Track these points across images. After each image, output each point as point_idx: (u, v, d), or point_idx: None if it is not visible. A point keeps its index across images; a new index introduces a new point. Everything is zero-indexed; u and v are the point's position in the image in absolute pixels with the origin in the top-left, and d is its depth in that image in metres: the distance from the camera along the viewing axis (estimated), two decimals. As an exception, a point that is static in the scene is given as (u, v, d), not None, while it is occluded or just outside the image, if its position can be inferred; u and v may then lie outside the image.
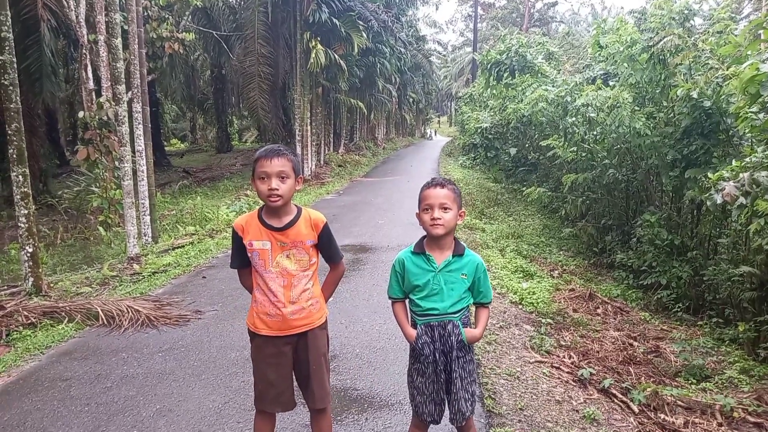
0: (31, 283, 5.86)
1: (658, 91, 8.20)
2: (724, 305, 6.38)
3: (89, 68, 10.72)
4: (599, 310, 6.27)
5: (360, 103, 23.32)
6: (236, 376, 3.84)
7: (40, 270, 6.03)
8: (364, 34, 18.21)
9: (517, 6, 52.07)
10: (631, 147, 8.41)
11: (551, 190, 12.03)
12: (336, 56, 17.17)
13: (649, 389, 3.89)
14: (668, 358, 4.95)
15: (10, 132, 5.64)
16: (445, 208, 2.35)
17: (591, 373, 4.06)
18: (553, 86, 11.30)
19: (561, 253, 9.55)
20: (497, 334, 4.75)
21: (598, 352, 4.74)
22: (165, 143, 30.25)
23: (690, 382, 4.43)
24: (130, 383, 3.77)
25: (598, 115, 8.48)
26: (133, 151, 8.82)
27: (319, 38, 16.54)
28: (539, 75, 13.67)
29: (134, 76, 8.98)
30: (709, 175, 5.24)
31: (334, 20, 16.66)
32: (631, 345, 5.13)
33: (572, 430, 3.25)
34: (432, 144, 42.11)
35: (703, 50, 7.57)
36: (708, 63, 7.30)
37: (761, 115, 4.98)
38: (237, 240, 2.47)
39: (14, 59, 5.65)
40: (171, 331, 4.81)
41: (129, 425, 3.21)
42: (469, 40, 57.61)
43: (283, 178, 2.34)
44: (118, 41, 8.23)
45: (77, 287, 6.37)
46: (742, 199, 4.43)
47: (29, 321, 4.98)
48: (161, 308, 5.29)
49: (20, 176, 5.73)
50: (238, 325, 4.84)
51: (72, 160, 20.32)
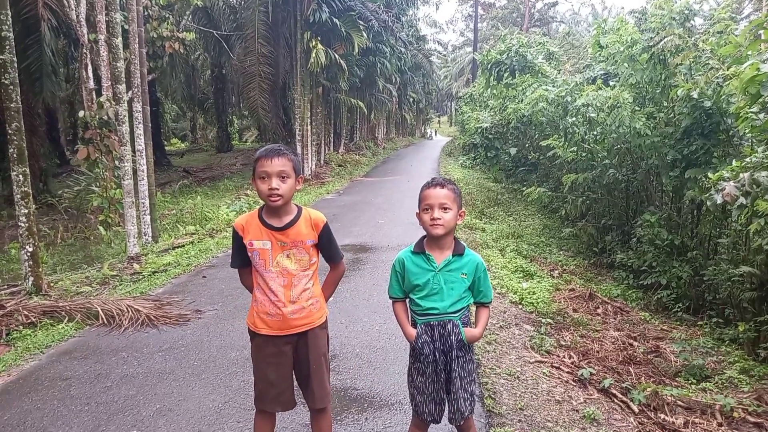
0: (31, 282, 5.87)
1: (658, 91, 8.20)
2: (724, 305, 6.38)
3: (89, 67, 10.74)
4: (599, 310, 6.27)
5: (360, 103, 23.32)
6: (236, 376, 3.84)
7: (40, 269, 6.03)
8: (365, 34, 18.21)
9: (518, 6, 52.08)
10: (632, 147, 8.41)
11: (551, 190, 12.03)
12: (336, 56, 17.18)
13: (649, 389, 3.89)
14: (668, 358, 4.95)
15: (10, 131, 5.64)
16: (445, 208, 2.35)
17: (591, 373, 4.06)
18: (553, 86, 11.29)
19: (561, 253, 9.55)
20: (497, 334, 4.76)
21: (598, 352, 4.74)
22: (165, 143, 30.27)
23: (690, 382, 4.43)
24: (130, 383, 3.77)
25: (598, 115, 8.48)
26: (134, 151, 8.82)
27: (319, 38, 16.55)
28: (539, 75, 13.67)
29: (134, 75, 8.99)
30: (710, 175, 5.25)
31: (335, 20, 16.66)
32: (631, 345, 5.13)
33: (572, 430, 3.26)
34: (432, 144, 42.10)
35: (703, 50, 7.57)
36: (708, 63, 7.30)
37: (761, 115, 4.98)
38: (237, 239, 2.47)
39: (14, 58, 5.66)
40: (171, 330, 4.81)
41: (129, 425, 3.21)
42: (470, 40, 57.62)
43: (283, 177, 2.34)
44: (119, 40, 8.24)
45: (77, 287, 6.37)
46: (742, 199, 4.43)
47: (29, 320, 4.98)
48: (161, 308, 5.29)
49: (20, 175, 5.73)
50: (238, 324, 4.85)
51: (72, 160, 20.33)
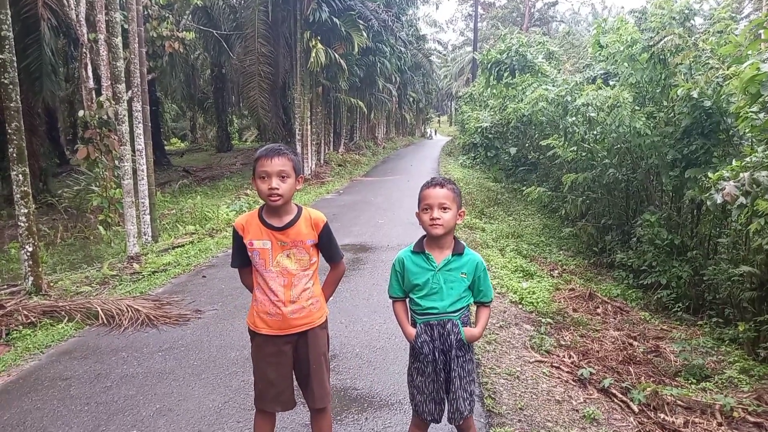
0: (30, 282, 5.86)
1: (658, 91, 8.20)
2: (724, 305, 6.38)
3: (89, 67, 10.73)
4: (599, 310, 6.27)
5: (360, 103, 23.31)
6: (236, 376, 3.84)
7: (40, 269, 6.03)
8: (365, 34, 18.21)
9: (518, 5, 52.06)
10: (631, 147, 8.41)
11: (551, 189, 12.02)
12: (336, 55, 17.17)
13: (648, 389, 3.89)
14: (668, 358, 4.95)
15: (10, 131, 5.64)
16: (445, 208, 2.35)
17: (591, 373, 4.06)
18: (553, 86, 11.27)
19: (561, 252, 9.55)
20: (497, 334, 4.76)
21: (598, 351, 4.74)
22: (165, 142, 30.26)
23: (690, 381, 4.43)
24: (130, 382, 3.77)
25: (598, 114, 8.47)
26: (133, 150, 8.82)
27: (319, 37, 16.54)
28: (539, 74, 13.64)
29: (134, 75, 8.98)
30: (709, 174, 5.24)
31: (335, 19, 16.66)
32: (631, 345, 5.13)
33: (572, 430, 3.26)
34: (432, 143, 42.09)
35: (703, 50, 7.57)
36: (708, 63, 7.30)
37: (761, 115, 4.98)
38: (237, 239, 2.47)
39: (14, 58, 5.65)
40: (171, 330, 4.81)
41: (129, 425, 3.21)
42: (470, 40, 57.60)
43: (283, 177, 2.34)
44: (118, 40, 8.24)
45: (77, 286, 6.37)
46: (742, 199, 4.43)
47: (29, 320, 4.98)
48: (161, 307, 5.29)
49: (20, 175, 5.73)
50: (238, 324, 4.84)
51: (72, 159, 20.32)
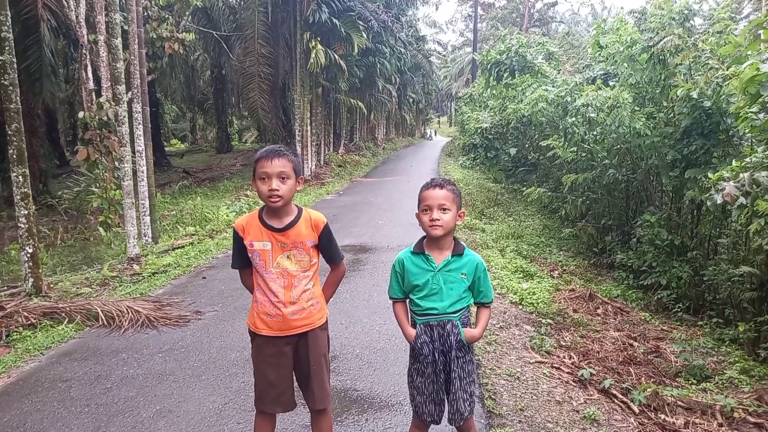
0: (31, 283, 5.86)
1: (658, 92, 8.20)
2: (724, 305, 6.38)
3: (89, 68, 10.72)
4: (599, 311, 6.27)
5: (360, 104, 23.32)
6: (236, 377, 3.83)
7: (40, 270, 6.03)
8: (364, 34, 18.22)
9: (517, 6, 52.09)
10: (631, 147, 8.41)
11: (551, 190, 12.03)
12: (336, 56, 17.18)
13: (649, 390, 3.89)
14: (668, 359, 4.95)
15: (10, 132, 5.64)
16: (444, 209, 2.35)
17: (591, 374, 4.06)
18: (553, 86, 11.29)
19: (561, 253, 9.55)
20: (497, 335, 4.75)
21: (599, 352, 4.74)
22: (165, 143, 30.25)
23: (690, 382, 4.43)
24: (130, 384, 3.77)
25: (598, 115, 8.48)
26: (133, 152, 8.82)
27: (319, 38, 16.55)
28: (539, 75, 13.66)
29: (134, 76, 8.98)
30: (709, 175, 5.25)
31: (334, 20, 16.66)
32: (631, 345, 5.13)
33: (572, 431, 3.25)
34: (432, 144, 42.12)
35: (703, 50, 7.58)
36: (708, 63, 7.30)
37: (761, 115, 4.98)
38: (238, 240, 2.47)
39: (14, 59, 5.65)
40: (171, 331, 4.81)
41: (129, 426, 3.21)
42: (469, 40, 57.63)
43: (283, 178, 2.34)
44: (118, 41, 8.24)
45: (77, 288, 6.37)
46: (742, 199, 4.43)
47: (29, 322, 4.98)
48: (161, 309, 5.29)
49: (20, 177, 5.73)
50: (238, 325, 4.84)
51: (72, 161, 20.30)
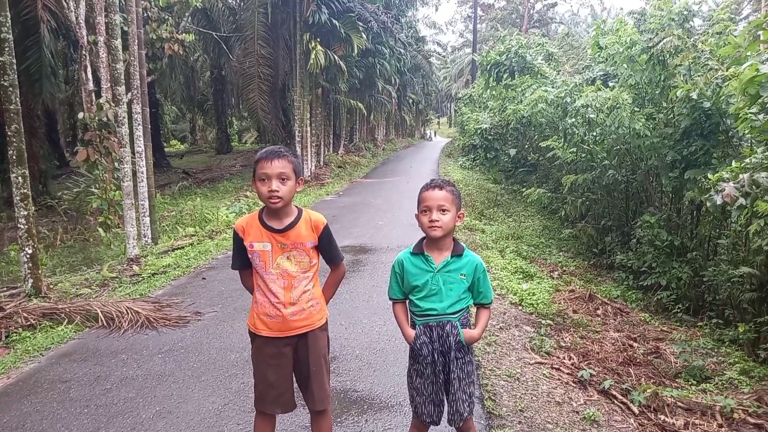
0: (30, 284, 5.86)
1: (657, 92, 8.21)
2: (724, 306, 6.38)
3: (89, 69, 10.72)
4: (599, 311, 6.27)
5: (360, 104, 23.32)
6: (236, 378, 3.83)
7: (40, 271, 6.03)
8: (364, 35, 18.23)
9: (517, 7, 52.10)
10: (631, 148, 8.41)
11: (551, 191, 12.03)
12: (336, 57, 17.18)
13: (649, 390, 3.89)
14: (668, 359, 4.95)
15: (9, 133, 5.64)
16: (444, 210, 2.35)
17: (591, 375, 4.06)
18: (552, 87, 11.29)
19: (561, 254, 9.55)
20: (497, 336, 4.75)
21: (598, 353, 4.74)
22: (165, 144, 30.24)
23: (690, 383, 4.43)
24: (130, 385, 3.76)
25: (597, 116, 8.48)
26: (133, 153, 8.82)
27: (318, 39, 16.55)
28: (539, 76, 13.67)
29: (134, 77, 8.98)
30: (709, 176, 5.25)
31: (334, 21, 16.67)
32: (631, 346, 5.13)
33: (572, 432, 3.25)
34: (431, 145, 42.13)
35: (702, 51, 7.58)
36: (707, 64, 7.31)
37: (761, 116, 4.98)
38: (238, 241, 2.47)
39: (14, 60, 5.65)
40: (171, 332, 4.81)
41: (128, 427, 3.20)
42: (469, 41, 57.63)
43: (283, 179, 2.34)
44: (118, 42, 8.24)
45: (77, 288, 6.37)
46: (741, 200, 4.43)
47: (29, 322, 4.97)
48: (161, 310, 5.29)
49: (20, 177, 5.72)
50: (238, 326, 4.84)
51: (72, 162, 20.28)
